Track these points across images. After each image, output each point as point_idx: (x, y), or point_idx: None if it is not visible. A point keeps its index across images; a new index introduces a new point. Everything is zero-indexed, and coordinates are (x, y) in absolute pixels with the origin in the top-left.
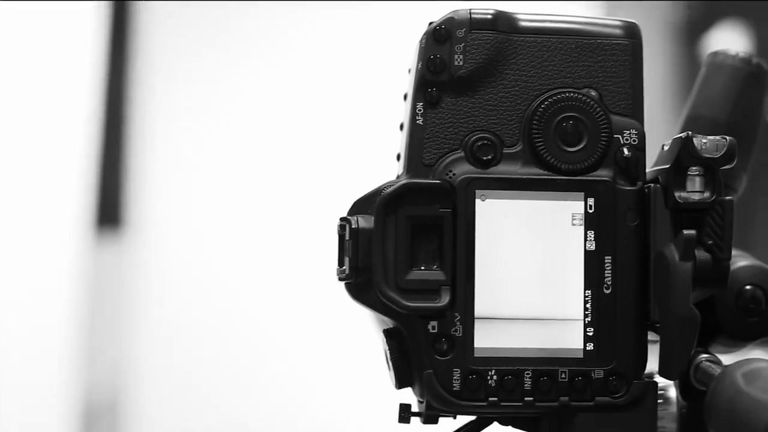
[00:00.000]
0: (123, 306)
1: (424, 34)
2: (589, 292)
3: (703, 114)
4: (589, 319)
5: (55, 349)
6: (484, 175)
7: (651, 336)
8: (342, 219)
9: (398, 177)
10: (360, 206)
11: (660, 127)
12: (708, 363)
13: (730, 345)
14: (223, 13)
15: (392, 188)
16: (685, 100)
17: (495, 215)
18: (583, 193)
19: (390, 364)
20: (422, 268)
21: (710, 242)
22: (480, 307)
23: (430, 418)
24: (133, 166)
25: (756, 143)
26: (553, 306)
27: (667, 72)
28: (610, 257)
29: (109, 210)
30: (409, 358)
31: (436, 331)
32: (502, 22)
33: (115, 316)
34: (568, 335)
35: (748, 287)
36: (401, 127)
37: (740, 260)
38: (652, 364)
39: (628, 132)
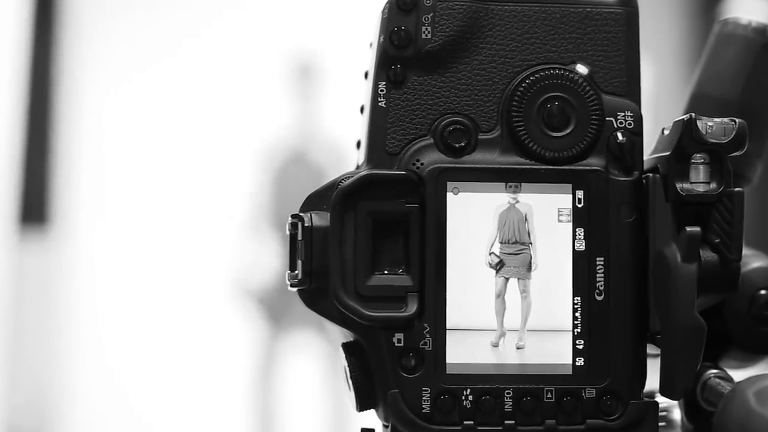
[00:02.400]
0: (50, 314)
1: (387, 3)
2: (579, 298)
3: (710, 92)
4: (579, 330)
5: None
6: (457, 165)
7: (651, 349)
8: (293, 216)
9: (358, 167)
10: (314, 201)
11: (666, 110)
12: (716, 380)
13: (741, 359)
14: (154, 11)
15: (351, 180)
16: (690, 77)
17: (469, 211)
18: (570, 185)
19: (350, 382)
20: (386, 272)
21: (717, 240)
22: (452, 317)
23: None
24: (59, 161)
25: None
26: (537, 315)
27: (675, 45)
28: (602, 258)
29: (34, 207)
30: (371, 375)
31: (402, 344)
32: None
33: (42, 327)
34: (555, 349)
35: (762, 292)
36: (361, 109)
37: (753, 261)
38: (653, 382)
39: (623, 114)
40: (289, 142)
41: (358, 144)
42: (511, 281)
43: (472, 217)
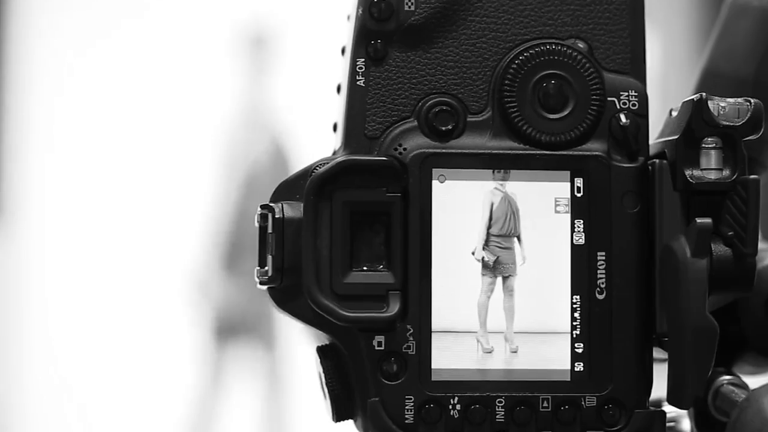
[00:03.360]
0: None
1: None
2: (578, 297)
3: (723, 69)
4: (578, 332)
5: None
6: (443, 150)
7: (657, 353)
8: (263, 207)
9: (334, 153)
10: (286, 190)
11: (675, 90)
12: (730, 387)
13: (757, 364)
14: (112, 9)
15: (326, 167)
16: (701, 53)
17: (457, 201)
18: (568, 172)
19: (325, 390)
20: (365, 268)
21: (731, 233)
22: (438, 318)
23: None
24: (6, 149)
25: None
26: (531, 316)
27: (684, 18)
28: (603, 253)
29: None
30: (349, 382)
31: (383, 348)
32: None
33: None
34: (552, 353)
35: None
36: (338, 89)
37: None
38: (659, 389)
39: (626, 94)
40: (242, 117)
41: (335, 127)
42: (504, 278)
43: (460, 207)
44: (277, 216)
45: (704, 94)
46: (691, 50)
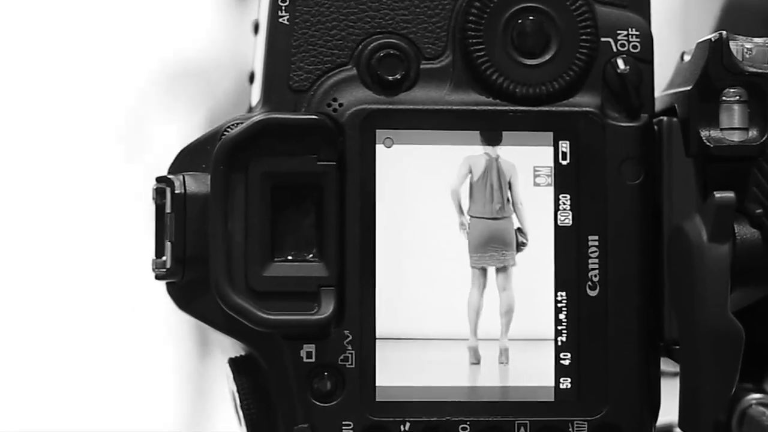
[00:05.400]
0: None
1: None
2: (564, 294)
3: (748, 2)
4: (564, 339)
5: None
6: (390, 106)
7: (666, 365)
8: (159, 180)
9: (251, 109)
10: (189, 158)
11: (696, 27)
12: (760, 408)
13: None
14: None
15: (240, 129)
16: None
17: (408, 171)
18: (551, 134)
19: (240, 414)
20: (290, 258)
21: (759, 211)
22: (385, 322)
23: None
24: None
25: None
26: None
27: None
28: (596, 237)
29: None
30: (270, 404)
31: (313, 360)
32: None
33: None
34: (531, 365)
35: None
36: (255, 27)
37: None
38: (669, 411)
39: (625, 33)
40: (221, 75)
41: (251, 77)
42: (489, 270)
43: (412, 179)
44: (177, 191)
45: (725, 32)
46: None
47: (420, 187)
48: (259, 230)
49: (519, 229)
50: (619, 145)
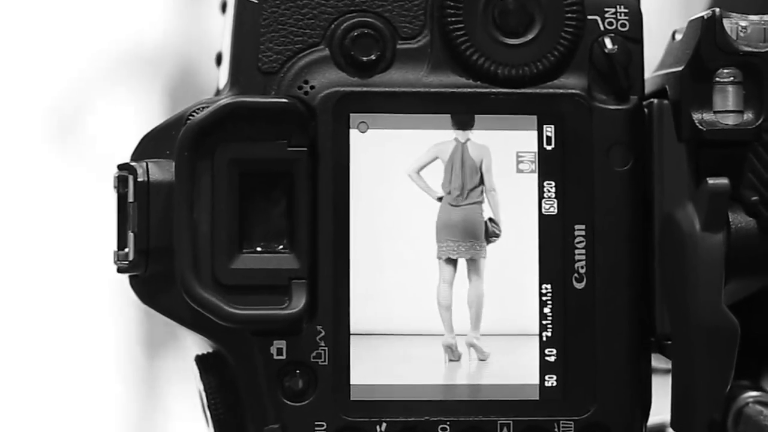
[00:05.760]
0: None
1: None
2: (549, 287)
3: None
4: (550, 334)
5: None
6: (365, 89)
7: (658, 361)
8: (121, 167)
9: (218, 93)
10: (153, 144)
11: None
12: (757, 407)
13: None
14: None
15: (206, 112)
16: None
17: (384, 157)
18: (535, 118)
19: (207, 414)
20: (259, 249)
21: (755, 198)
22: (359, 317)
23: None
24: None
25: None
26: (491, 312)
27: None
28: (583, 227)
29: None
30: (239, 404)
31: (284, 357)
32: None
33: None
34: (515, 362)
35: None
36: (223, 6)
37: None
38: (661, 410)
39: (613, 10)
40: (175, 54)
41: (218, 58)
42: (460, 263)
43: (388, 165)
44: (140, 179)
45: (718, 9)
46: None
47: (396, 174)
48: (227, 220)
49: (491, 219)
50: (606, 129)
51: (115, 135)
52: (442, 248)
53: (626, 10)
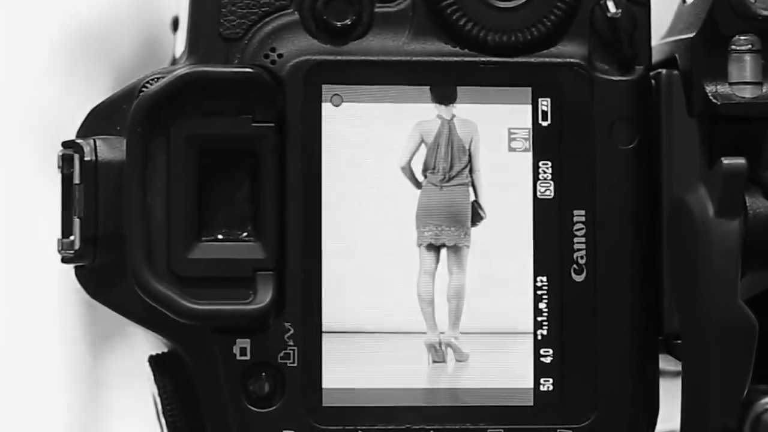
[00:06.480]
0: None
1: None
2: (544, 279)
3: None
4: (545, 333)
5: None
6: (339, 58)
7: (666, 363)
8: (66, 145)
9: (174, 62)
10: (100, 119)
11: None
12: None
13: None
14: None
15: (161, 84)
16: None
17: (359, 133)
18: (529, 90)
19: (162, 420)
20: (220, 236)
21: None
22: (332, 313)
23: None
24: None
25: None
26: (475, 308)
27: None
28: (582, 212)
29: None
30: (197, 409)
31: (248, 357)
32: None
33: None
34: (507, 364)
35: None
36: None
37: None
38: (670, 417)
39: None
40: (124, 37)
41: (175, 23)
42: (442, 252)
43: (365, 142)
44: (86, 158)
45: None
46: None
47: (373, 152)
48: (184, 204)
49: (476, 202)
50: (609, 102)
51: (56, 113)
52: (422, 234)
53: None
